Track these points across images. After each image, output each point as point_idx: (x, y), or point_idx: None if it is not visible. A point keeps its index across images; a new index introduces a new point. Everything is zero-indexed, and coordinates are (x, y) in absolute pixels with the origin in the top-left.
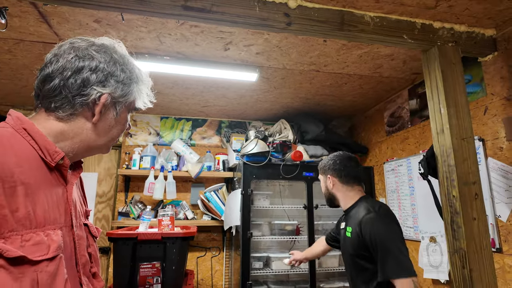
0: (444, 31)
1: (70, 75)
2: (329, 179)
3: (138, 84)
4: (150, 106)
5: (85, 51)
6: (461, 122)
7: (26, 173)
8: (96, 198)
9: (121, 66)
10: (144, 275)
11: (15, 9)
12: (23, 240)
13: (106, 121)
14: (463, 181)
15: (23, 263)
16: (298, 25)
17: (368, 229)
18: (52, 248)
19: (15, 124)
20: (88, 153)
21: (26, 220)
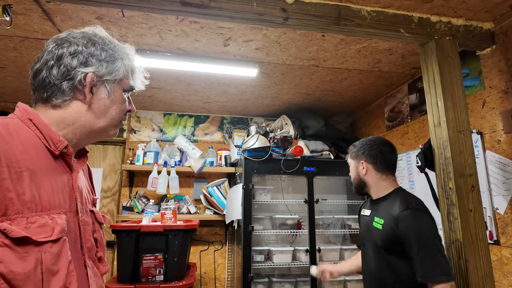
0: (441, 25)
1: (53, 64)
2: (362, 164)
3: (123, 60)
4: (147, 83)
5: (64, 39)
6: (458, 115)
7: (32, 160)
8: (101, 193)
9: (101, 45)
10: (147, 267)
11: (20, 7)
12: (28, 222)
13: (100, 101)
14: (459, 173)
15: (28, 244)
16: (295, 20)
17: (405, 225)
18: (56, 231)
19: (22, 115)
20: (93, 138)
21: (32, 203)
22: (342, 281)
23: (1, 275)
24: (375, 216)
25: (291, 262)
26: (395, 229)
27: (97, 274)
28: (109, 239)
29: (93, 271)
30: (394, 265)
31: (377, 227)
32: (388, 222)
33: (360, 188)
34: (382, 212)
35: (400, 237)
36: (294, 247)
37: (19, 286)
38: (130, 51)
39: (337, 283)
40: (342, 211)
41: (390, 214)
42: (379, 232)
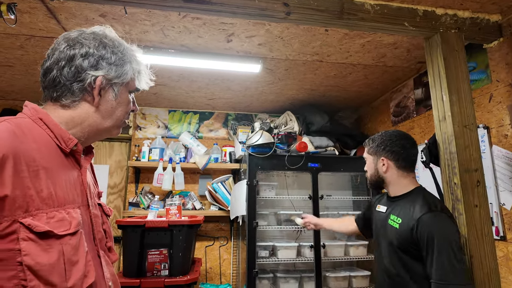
0: (447, 18)
1: (64, 64)
2: (382, 161)
3: (132, 64)
4: (152, 84)
5: (75, 40)
6: (464, 109)
7: (46, 158)
8: (108, 189)
9: (111, 48)
10: (152, 261)
11: (24, 5)
12: (48, 217)
13: (107, 103)
14: (464, 168)
15: (50, 237)
16: (297, 15)
17: (426, 228)
18: (73, 224)
19: (32, 114)
20: (99, 137)
21: (49, 199)
22: (347, 277)
23: (28, 267)
24: (392, 214)
25: (295, 258)
26: (414, 230)
27: (108, 262)
28: (115, 234)
29: (105, 260)
30: (409, 265)
31: (393, 225)
32: (406, 222)
33: (378, 185)
34: (400, 211)
35: (418, 239)
36: (299, 243)
37: (46, 276)
38: (138, 53)
39: (342, 278)
40: (347, 207)
41: (410, 215)
42: (395, 231)
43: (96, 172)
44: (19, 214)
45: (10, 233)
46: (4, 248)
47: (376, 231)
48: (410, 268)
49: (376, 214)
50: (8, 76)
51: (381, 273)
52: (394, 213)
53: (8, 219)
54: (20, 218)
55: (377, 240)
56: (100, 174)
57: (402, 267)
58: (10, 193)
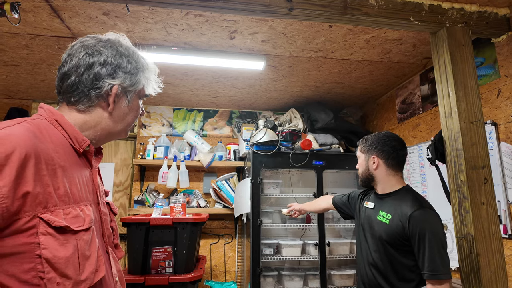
0: (454, 12)
1: (83, 71)
2: (373, 159)
3: (144, 73)
4: (160, 91)
5: (94, 48)
6: (470, 105)
7: (62, 157)
8: (113, 187)
9: (127, 58)
10: (157, 259)
11: (28, 4)
12: (64, 213)
13: (120, 109)
14: (471, 166)
15: (67, 232)
16: (300, 10)
17: (418, 223)
18: (87, 221)
19: (48, 116)
20: (109, 139)
21: (66, 197)
22: (352, 275)
23: (46, 259)
24: (380, 210)
25: (300, 256)
26: (406, 226)
27: (115, 258)
28: (121, 232)
29: (112, 256)
30: (394, 257)
31: (382, 221)
32: (397, 218)
33: (368, 182)
34: (389, 208)
35: (409, 234)
36: (304, 241)
37: (62, 269)
38: (149, 62)
39: (346, 276)
40: None
41: (401, 212)
42: (385, 227)
43: (102, 170)
44: (39, 210)
45: (30, 227)
46: (24, 242)
47: (363, 226)
48: (395, 259)
49: (363, 210)
50: (14, 75)
51: (367, 265)
52: (383, 210)
53: (29, 214)
54: (39, 213)
55: (363, 234)
56: (106, 172)
57: (387, 259)
58: (32, 190)
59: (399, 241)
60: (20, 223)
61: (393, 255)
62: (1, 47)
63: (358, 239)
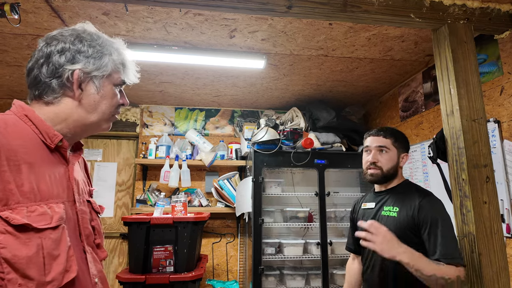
0: (455, 8)
1: (42, 62)
2: (404, 156)
3: (112, 56)
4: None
5: (53, 37)
6: (472, 103)
7: (29, 153)
8: (116, 186)
9: (89, 42)
10: (158, 258)
11: (29, 5)
12: (28, 211)
13: (89, 97)
14: (473, 164)
15: (29, 230)
16: (299, 8)
17: (428, 210)
18: (55, 219)
19: (18, 111)
20: (87, 132)
21: (31, 194)
22: None
23: (5, 259)
24: (385, 205)
25: (302, 255)
26: (415, 215)
27: (96, 259)
28: (124, 231)
29: (92, 256)
30: None
31: (389, 215)
32: (405, 209)
33: (390, 178)
34: (394, 201)
35: (419, 223)
36: (305, 240)
37: (23, 269)
38: (120, 45)
39: None
40: None
41: (409, 202)
42: (393, 220)
43: (104, 170)
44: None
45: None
46: None
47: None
48: None
49: (362, 213)
50: (16, 76)
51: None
52: (387, 204)
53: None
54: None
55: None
56: (108, 172)
57: None
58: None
59: (409, 232)
60: None
61: None
62: (3, 48)
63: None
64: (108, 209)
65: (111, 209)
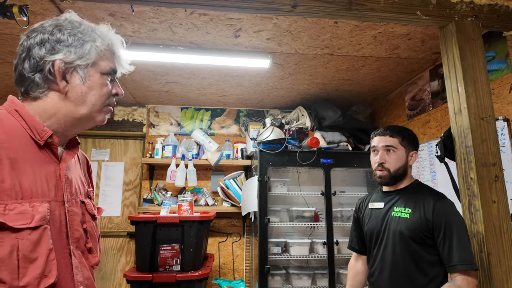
0: (463, 5)
1: (24, 57)
2: (413, 154)
3: (95, 42)
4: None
5: (33, 30)
6: (480, 101)
7: (13, 149)
8: (123, 186)
9: (68, 30)
10: (164, 257)
11: (37, 7)
12: (6, 209)
13: (75, 89)
14: (481, 163)
15: (4, 229)
16: (304, 7)
17: (443, 213)
18: (36, 218)
19: (8, 106)
20: (79, 127)
21: (12, 191)
22: None
23: None
24: (395, 206)
25: (308, 255)
26: (430, 217)
27: (84, 264)
28: (131, 230)
29: (80, 261)
30: (416, 253)
31: (401, 216)
32: (418, 210)
33: (400, 177)
34: (406, 202)
35: (433, 224)
36: (312, 240)
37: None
38: (105, 31)
39: None
40: None
41: (422, 204)
42: (405, 221)
43: (112, 170)
44: None
45: None
46: None
47: (377, 228)
48: (418, 256)
49: (370, 213)
50: None
51: (385, 269)
52: (398, 205)
53: None
54: None
55: (376, 236)
56: (115, 171)
57: (409, 256)
58: None
59: (422, 234)
60: None
61: (415, 250)
62: (12, 50)
63: (368, 248)
64: (115, 208)
65: (118, 208)
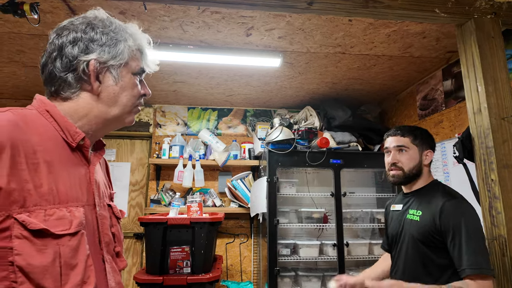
0: (482, 2)
1: (56, 56)
2: (427, 153)
3: (127, 42)
4: (157, 62)
5: (63, 28)
6: (501, 100)
7: (49, 152)
8: (129, 186)
9: (101, 29)
10: (175, 259)
11: (47, 5)
12: (46, 214)
13: (108, 89)
14: (503, 164)
15: (46, 236)
16: (320, 4)
17: (451, 214)
18: (74, 224)
19: (39, 106)
20: (108, 128)
21: (49, 195)
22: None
23: (19, 268)
24: (410, 208)
25: (318, 256)
26: (437, 219)
27: (115, 269)
28: (137, 231)
29: (111, 266)
30: (427, 257)
31: (413, 219)
32: (428, 213)
33: (414, 178)
34: (419, 204)
35: (441, 227)
36: (321, 241)
37: (38, 279)
38: (135, 30)
39: None
40: (371, 204)
41: (431, 205)
42: (415, 224)
43: (118, 170)
44: (14, 209)
45: (3, 229)
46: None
47: (395, 230)
48: (428, 260)
49: (391, 215)
50: (32, 77)
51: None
52: (412, 207)
53: (1, 213)
54: (15, 213)
55: (395, 239)
56: (122, 172)
57: (420, 259)
58: (5, 186)
59: (431, 237)
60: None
61: (425, 253)
62: (20, 49)
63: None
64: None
65: (124, 209)
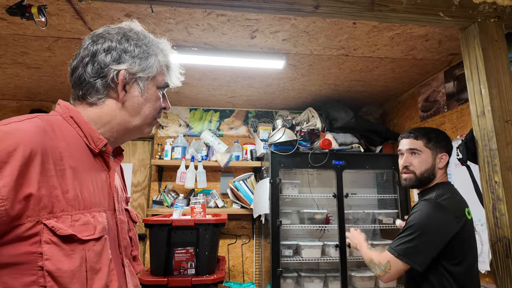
0: (485, 6)
1: (88, 61)
2: (442, 156)
3: (157, 57)
4: (182, 79)
5: (99, 35)
6: (505, 103)
7: (74, 157)
8: (131, 187)
9: (135, 41)
10: (179, 260)
11: (53, 8)
12: (72, 220)
13: (133, 99)
14: (506, 166)
15: (73, 241)
16: (326, 8)
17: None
18: (98, 229)
19: (63, 112)
20: (128, 136)
21: (75, 201)
22: (374, 277)
23: (49, 272)
24: None
25: (320, 257)
26: None
27: (133, 273)
28: (140, 232)
29: (129, 269)
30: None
31: None
32: None
33: (427, 181)
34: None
35: None
36: (323, 242)
37: (66, 283)
38: (166, 46)
39: (368, 278)
40: (372, 205)
41: None
42: None
43: None
44: (43, 215)
45: (33, 234)
46: (26, 251)
47: None
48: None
49: None
50: (35, 78)
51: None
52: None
53: (31, 219)
54: (44, 219)
55: None
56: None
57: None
58: (36, 192)
59: None
60: (22, 230)
61: None
62: (24, 50)
63: None
64: None
65: None
